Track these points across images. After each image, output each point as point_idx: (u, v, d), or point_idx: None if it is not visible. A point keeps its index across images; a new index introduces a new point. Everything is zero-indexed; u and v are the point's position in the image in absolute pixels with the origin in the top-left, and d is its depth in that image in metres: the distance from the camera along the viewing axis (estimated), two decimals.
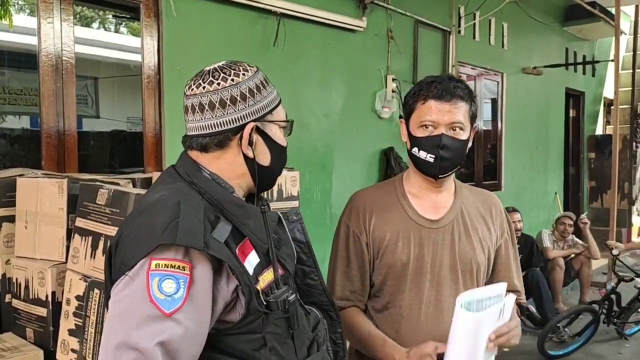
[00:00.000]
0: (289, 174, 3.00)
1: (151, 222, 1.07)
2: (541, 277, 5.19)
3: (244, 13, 3.58)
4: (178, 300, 1.02)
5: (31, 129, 2.98)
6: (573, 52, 7.96)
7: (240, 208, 1.17)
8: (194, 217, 1.08)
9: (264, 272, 1.18)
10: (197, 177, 1.18)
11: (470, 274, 1.63)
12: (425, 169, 1.59)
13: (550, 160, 7.60)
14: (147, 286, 1.01)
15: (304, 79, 4.00)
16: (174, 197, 1.11)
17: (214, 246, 1.07)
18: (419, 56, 5.07)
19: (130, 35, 3.84)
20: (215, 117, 1.17)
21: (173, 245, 1.04)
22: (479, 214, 1.68)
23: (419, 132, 1.56)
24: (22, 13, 3.21)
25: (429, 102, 1.54)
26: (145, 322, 1.00)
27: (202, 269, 1.07)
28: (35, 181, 2.19)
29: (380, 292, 1.64)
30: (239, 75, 1.19)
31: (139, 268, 1.04)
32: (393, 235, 1.61)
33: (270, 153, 1.24)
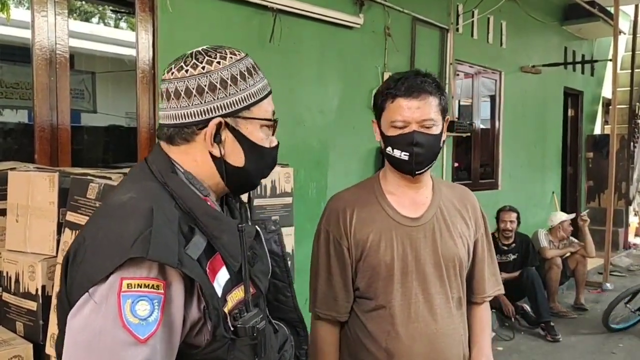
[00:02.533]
0: (282, 170, 2.99)
1: (119, 231, 0.95)
2: (536, 277, 5.19)
3: (240, 8, 3.57)
4: (153, 324, 0.92)
5: (25, 122, 2.97)
6: (572, 51, 7.95)
7: (214, 220, 1.05)
8: (168, 229, 0.97)
9: (233, 290, 1.07)
10: (170, 178, 1.06)
11: (454, 269, 1.63)
12: (401, 167, 1.59)
13: (548, 159, 7.60)
14: (119, 310, 0.90)
15: (300, 75, 3.99)
16: (146, 201, 0.99)
17: (187, 264, 0.96)
18: (416, 54, 5.06)
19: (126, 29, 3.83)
20: (180, 107, 1.06)
21: (145, 261, 0.93)
22: (457, 209, 1.69)
23: (391, 131, 1.56)
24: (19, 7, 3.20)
25: (397, 101, 1.53)
26: (119, 352, 0.90)
27: (176, 287, 0.97)
28: (26, 175, 2.19)
29: (368, 294, 1.62)
30: (212, 64, 1.06)
31: (107, 289, 0.92)
32: (375, 237, 1.59)
33: (245, 153, 1.10)
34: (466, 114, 6.38)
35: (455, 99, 5.73)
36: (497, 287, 1.81)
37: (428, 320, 1.59)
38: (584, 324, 5.37)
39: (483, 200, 6.60)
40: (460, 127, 5.36)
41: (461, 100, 6.37)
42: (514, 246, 5.43)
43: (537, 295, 5.10)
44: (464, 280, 1.68)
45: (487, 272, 1.76)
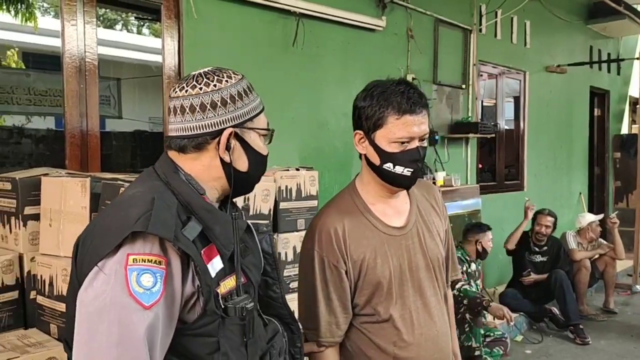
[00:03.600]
0: (307, 174, 3.01)
1: (124, 214, 1.09)
2: (565, 279, 5.12)
3: (264, 13, 3.60)
4: (156, 294, 1.04)
5: (55, 129, 3.04)
6: (597, 50, 7.84)
7: (209, 213, 1.18)
8: (167, 212, 1.10)
9: (226, 278, 1.19)
10: (172, 178, 1.20)
11: (439, 268, 1.67)
12: (400, 182, 1.55)
13: (574, 160, 7.49)
14: (126, 280, 1.03)
15: (323, 78, 4.00)
16: (149, 194, 1.13)
17: (183, 241, 1.09)
18: (439, 55, 5.04)
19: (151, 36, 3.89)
20: (195, 120, 1.19)
21: (149, 237, 1.06)
22: (429, 204, 1.71)
23: (393, 148, 1.50)
24: (46, 15, 3.28)
25: (404, 118, 1.48)
26: (127, 316, 1.02)
27: (175, 264, 1.09)
28: (59, 180, 2.23)
29: (368, 309, 1.60)
30: (222, 82, 1.21)
31: (116, 263, 1.04)
32: (371, 254, 1.57)
33: (248, 160, 1.26)
34: (490, 115, 6.33)
35: (478, 99, 5.69)
36: (455, 272, 1.84)
37: (429, 324, 1.62)
38: (614, 327, 5.28)
39: (508, 202, 6.55)
40: (484, 128, 5.32)
41: (485, 101, 6.32)
42: (545, 249, 5.36)
43: (566, 297, 5.02)
44: (444, 274, 1.72)
45: (451, 260, 1.80)
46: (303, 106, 3.87)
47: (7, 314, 2.21)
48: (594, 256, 5.79)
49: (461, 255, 4.15)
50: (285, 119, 3.77)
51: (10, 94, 2.91)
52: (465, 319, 3.84)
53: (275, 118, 3.75)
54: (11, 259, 2.24)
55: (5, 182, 2.37)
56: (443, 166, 5.02)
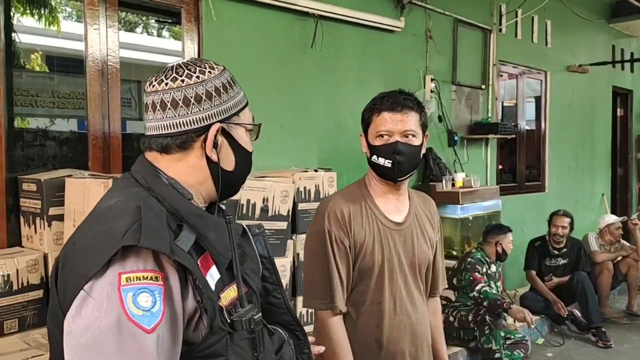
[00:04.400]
0: (326, 175, 3.02)
1: (108, 228, 0.95)
2: (587, 281, 5.05)
3: (282, 15, 3.62)
4: (157, 314, 0.92)
5: (78, 131, 3.09)
6: (620, 49, 7.71)
7: (201, 219, 1.07)
8: (157, 221, 0.98)
9: (225, 289, 1.08)
10: (154, 183, 1.07)
11: (424, 269, 1.85)
12: (384, 173, 1.75)
13: (596, 160, 7.38)
14: (122, 303, 0.89)
15: (342, 79, 4.01)
16: (132, 202, 1.00)
17: (179, 254, 0.97)
18: (458, 56, 5.02)
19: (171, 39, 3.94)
20: (178, 115, 1.07)
21: (141, 251, 0.93)
22: (425, 214, 1.89)
23: (377, 142, 1.72)
24: (69, 20, 3.34)
25: (383, 114, 1.71)
26: (127, 344, 0.89)
27: (173, 279, 0.97)
28: (82, 182, 2.28)
29: (359, 290, 1.77)
30: (205, 73, 1.10)
31: (106, 285, 0.91)
32: (369, 239, 1.75)
33: (235, 157, 1.14)
34: (510, 115, 6.27)
35: (498, 100, 5.65)
36: (444, 284, 2.04)
37: (410, 312, 1.80)
38: (637, 330, 5.19)
39: (529, 203, 6.49)
40: (504, 128, 5.27)
41: (505, 101, 6.27)
42: (565, 251, 5.28)
43: (588, 300, 4.95)
44: (428, 276, 1.90)
45: (440, 271, 1.98)
46: (321, 107, 3.88)
47: (32, 313, 2.26)
48: (616, 258, 5.70)
49: (481, 257, 4.12)
50: (304, 120, 3.79)
51: (34, 97, 2.96)
52: (486, 321, 3.82)
53: (294, 119, 3.80)
54: (36, 259, 2.29)
55: (30, 183, 2.42)
56: (462, 167, 4.99)
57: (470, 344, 3.96)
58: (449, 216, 4.48)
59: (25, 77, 3.07)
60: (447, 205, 4.45)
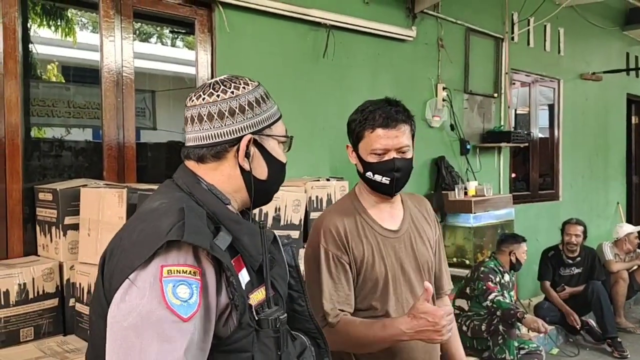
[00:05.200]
0: (338, 184, 3.03)
1: (155, 225, 1.05)
2: (602, 291, 5.00)
3: (294, 26, 3.65)
4: (194, 305, 1.00)
5: (94, 141, 3.13)
6: (634, 56, 7.66)
7: (237, 224, 1.15)
8: (198, 221, 1.07)
9: (254, 291, 1.15)
10: (195, 189, 1.16)
11: (428, 272, 1.82)
12: (381, 190, 1.73)
13: (611, 168, 7.32)
14: (162, 293, 0.98)
15: (354, 89, 4.02)
16: (176, 204, 1.09)
17: (218, 251, 1.06)
18: (470, 64, 5.01)
19: (185, 49, 3.98)
20: (213, 128, 1.17)
21: (183, 247, 1.02)
22: (422, 215, 1.87)
23: (371, 158, 1.69)
24: (85, 31, 3.39)
25: (377, 131, 1.67)
26: (165, 330, 0.97)
27: (209, 275, 1.06)
28: (97, 191, 2.31)
29: (365, 304, 1.74)
30: (239, 89, 1.19)
31: (150, 275, 1.00)
32: (369, 252, 1.73)
33: (268, 167, 1.23)
34: (523, 124, 6.25)
35: (511, 108, 5.63)
36: (449, 284, 1.99)
37: None
38: None
39: (543, 212, 6.43)
40: (517, 136, 5.25)
41: (518, 109, 6.24)
42: (578, 260, 5.23)
43: (603, 309, 4.89)
44: (433, 278, 1.87)
45: (444, 269, 1.95)
46: (333, 116, 3.89)
47: (48, 321, 2.29)
48: (632, 267, 5.64)
49: (494, 266, 4.10)
50: (316, 129, 3.80)
51: (51, 107, 3.01)
52: (499, 331, 3.79)
53: (306, 128, 3.81)
54: (52, 268, 2.32)
55: (46, 193, 2.46)
56: (475, 176, 4.97)
57: (484, 354, 3.93)
58: (462, 225, 4.46)
59: (41, 87, 3.12)
60: (460, 214, 4.43)
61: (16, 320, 2.19)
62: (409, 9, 4.40)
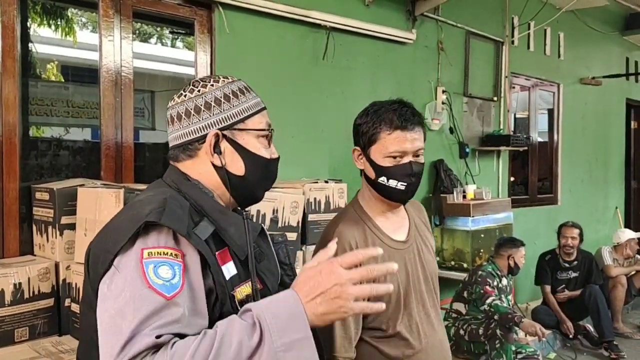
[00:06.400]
0: (336, 186, 3.02)
1: (136, 212, 1.07)
2: (600, 295, 4.99)
3: (294, 28, 3.64)
4: (176, 285, 1.00)
5: (92, 141, 3.11)
6: (634, 61, 7.67)
7: (222, 214, 1.16)
8: (179, 210, 1.09)
9: (241, 284, 1.14)
10: (182, 184, 1.18)
11: (435, 280, 1.76)
12: (394, 196, 1.63)
13: (610, 173, 7.32)
14: (144, 274, 0.99)
15: (353, 91, 4.02)
16: (161, 195, 1.12)
17: (195, 239, 1.07)
18: (470, 67, 5.01)
19: (184, 49, 3.97)
20: (182, 127, 1.19)
21: (163, 231, 1.03)
22: (421, 221, 1.81)
23: (387, 162, 1.60)
24: (85, 30, 3.38)
25: (395, 133, 1.58)
26: (148, 310, 0.97)
27: (191, 257, 1.06)
28: (94, 191, 2.30)
29: (376, 323, 1.65)
30: (206, 86, 1.20)
31: (131, 259, 1.01)
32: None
33: (245, 162, 1.21)
34: (523, 127, 6.24)
35: (510, 112, 5.63)
36: None
37: (432, 333, 1.69)
38: None
39: (541, 216, 6.42)
40: (517, 140, 5.24)
41: (517, 113, 6.24)
42: (575, 264, 5.23)
43: (601, 313, 4.89)
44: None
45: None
46: (333, 119, 3.89)
47: (43, 321, 2.27)
48: (630, 272, 5.63)
49: (492, 270, 4.09)
50: (316, 131, 3.80)
51: (49, 107, 3.00)
52: (496, 335, 3.78)
53: (305, 130, 3.80)
54: (48, 267, 2.30)
55: (43, 192, 2.44)
56: (474, 179, 4.96)
57: (481, 358, 3.92)
58: (460, 228, 4.45)
59: (40, 86, 3.11)
60: (458, 217, 4.42)
61: (11, 320, 2.18)
62: (409, 11, 4.39)
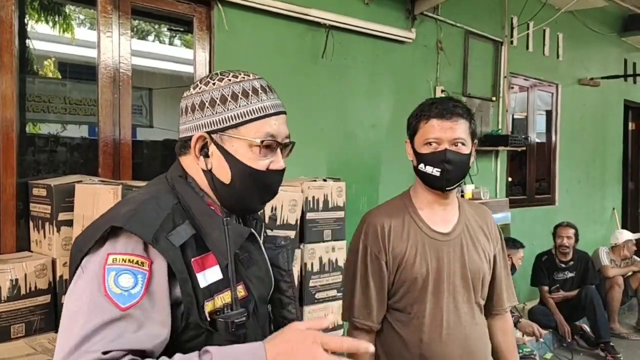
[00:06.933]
0: (335, 185, 3.02)
1: (112, 212, 1.06)
2: (596, 296, 5.00)
3: (294, 25, 3.63)
4: (135, 296, 0.97)
5: (89, 137, 3.11)
6: (632, 63, 7.68)
7: (207, 217, 1.11)
8: (154, 213, 1.04)
9: (224, 291, 1.10)
10: (177, 182, 1.15)
11: (478, 281, 1.75)
12: (432, 182, 1.70)
13: (607, 174, 7.33)
14: (103, 280, 0.96)
15: (352, 90, 4.01)
16: (146, 195, 1.10)
17: (164, 245, 1.01)
18: (469, 67, 5.01)
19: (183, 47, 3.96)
20: (181, 123, 1.17)
21: (132, 236, 1.00)
22: (479, 226, 1.82)
23: (424, 149, 1.69)
24: (83, 27, 3.37)
25: (431, 121, 1.67)
26: (100, 320, 0.94)
27: (158, 265, 1.02)
28: (92, 188, 2.29)
29: (401, 305, 1.73)
30: (208, 84, 1.14)
31: (96, 262, 0.99)
32: (411, 251, 1.70)
33: (231, 170, 1.13)
34: (521, 128, 6.25)
35: (509, 112, 5.63)
36: (513, 299, 1.93)
37: (457, 326, 1.70)
38: None
39: (539, 216, 6.44)
40: (515, 141, 5.25)
41: (515, 113, 6.24)
42: (572, 264, 5.24)
43: (597, 314, 4.90)
44: (486, 290, 1.80)
45: (505, 285, 1.88)
46: (331, 117, 3.88)
47: (40, 317, 2.26)
48: (627, 273, 5.64)
49: None
50: (314, 130, 3.79)
51: (47, 103, 2.99)
52: None
53: (304, 129, 3.80)
54: (44, 264, 2.29)
55: (40, 188, 2.43)
56: (472, 179, 4.96)
57: None
58: None
59: (37, 83, 3.10)
60: None
61: (7, 317, 2.17)
62: (408, 10, 4.39)
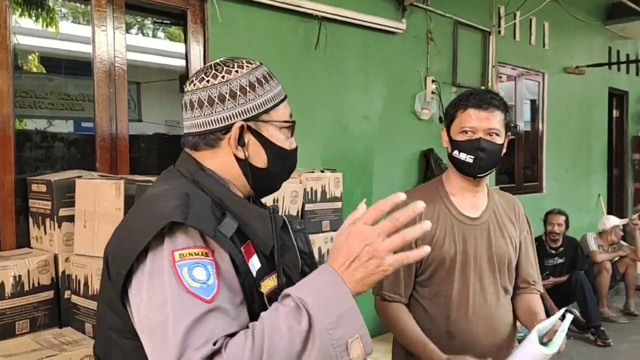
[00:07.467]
0: (332, 175, 3.05)
1: (158, 209, 1.02)
2: (585, 281, 5.10)
3: (287, 18, 3.64)
4: (213, 286, 0.96)
5: (86, 133, 3.10)
6: (616, 51, 7.78)
7: (243, 207, 1.12)
8: (203, 207, 1.04)
9: (266, 278, 1.11)
10: (198, 175, 1.13)
11: (504, 265, 1.83)
12: (465, 169, 1.78)
13: (593, 161, 7.44)
14: (180, 279, 0.94)
15: (345, 81, 4.03)
16: (180, 189, 1.07)
17: (221, 238, 1.02)
18: (458, 57, 5.05)
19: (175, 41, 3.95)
20: (204, 115, 1.12)
21: (189, 230, 0.99)
22: (507, 214, 1.90)
23: (459, 137, 1.77)
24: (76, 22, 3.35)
25: (468, 111, 1.75)
26: (193, 318, 0.92)
27: (220, 255, 1.02)
28: (93, 182, 2.29)
29: (429, 283, 1.81)
30: (231, 72, 1.13)
31: (163, 263, 0.97)
32: (440, 232, 1.78)
33: (267, 155, 1.16)
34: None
35: None
36: (539, 281, 1.97)
37: (483, 305, 1.79)
38: (635, 329, 5.25)
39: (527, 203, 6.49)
40: None
41: None
42: (561, 250, 5.34)
43: (587, 299, 5.00)
44: (512, 274, 1.88)
45: (532, 267, 1.94)
46: (325, 109, 3.90)
47: (43, 313, 2.27)
48: (614, 258, 5.76)
49: None
50: (308, 122, 3.80)
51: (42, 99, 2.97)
52: None
53: (298, 120, 3.78)
54: (47, 260, 2.30)
55: (40, 184, 2.43)
56: None
57: None
58: None
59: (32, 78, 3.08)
60: None
61: (11, 313, 2.17)
62: (398, 1, 4.41)
